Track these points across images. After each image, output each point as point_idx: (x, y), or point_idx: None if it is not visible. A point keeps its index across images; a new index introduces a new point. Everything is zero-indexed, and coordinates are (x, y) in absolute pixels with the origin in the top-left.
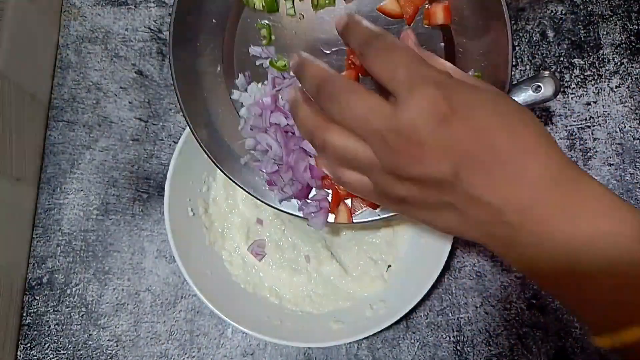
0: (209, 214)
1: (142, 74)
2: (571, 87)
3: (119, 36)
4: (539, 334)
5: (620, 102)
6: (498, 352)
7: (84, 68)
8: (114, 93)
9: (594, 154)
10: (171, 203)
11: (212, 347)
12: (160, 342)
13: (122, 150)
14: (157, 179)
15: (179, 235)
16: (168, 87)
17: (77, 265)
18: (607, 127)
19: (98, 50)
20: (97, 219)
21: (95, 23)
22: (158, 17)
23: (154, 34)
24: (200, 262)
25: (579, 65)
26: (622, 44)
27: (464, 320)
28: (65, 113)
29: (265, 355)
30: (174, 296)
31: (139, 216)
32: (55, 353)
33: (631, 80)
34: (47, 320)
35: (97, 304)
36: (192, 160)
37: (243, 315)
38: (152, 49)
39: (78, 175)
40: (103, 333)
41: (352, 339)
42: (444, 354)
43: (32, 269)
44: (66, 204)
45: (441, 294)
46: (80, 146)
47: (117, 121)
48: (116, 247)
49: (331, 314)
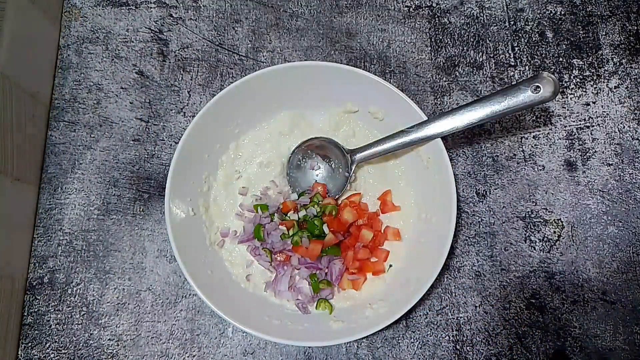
0: (209, 214)
1: (142, 74)
2: (570, 88)
3: (119, 37)
4: (538, 333)
5: (619, 103)
6: (497, 352)
7: (85, 68)
8: (115, 93)
9: (593, 154)
10: (172, 203)
11: (213, 346)
12: (161, 342)
13: (123, 151)
14: (158, 179)
15: (180, 235)
16: (169, 87)
17: (78, 264)
18: (606, 127)
19: (99, 50)
20: (98, 218)
21: (96, 23)
22: (159, 18)
23: (154, 35)
24: (200, 261)
25: (578, 65)
26: (621, 44)
27: (463, 319)
28: (66, 113)
29: (266, 354)
30: (174, 295)
31: (140, 216)
32: (56, 352)
33: (630, 81)
34: (48, 319)
35: (98, 304)
36: (193, 160)
37: (243, 314)
38: (152, 50)
39: (79, 175)
40: (104, 332)
41: (352, 338)
42: (443, 353)
43: (33, 268)
44: (67, 204)
45: (440, 294)
46: (81, 146)
47: (118, 121)
48: (117, 247)
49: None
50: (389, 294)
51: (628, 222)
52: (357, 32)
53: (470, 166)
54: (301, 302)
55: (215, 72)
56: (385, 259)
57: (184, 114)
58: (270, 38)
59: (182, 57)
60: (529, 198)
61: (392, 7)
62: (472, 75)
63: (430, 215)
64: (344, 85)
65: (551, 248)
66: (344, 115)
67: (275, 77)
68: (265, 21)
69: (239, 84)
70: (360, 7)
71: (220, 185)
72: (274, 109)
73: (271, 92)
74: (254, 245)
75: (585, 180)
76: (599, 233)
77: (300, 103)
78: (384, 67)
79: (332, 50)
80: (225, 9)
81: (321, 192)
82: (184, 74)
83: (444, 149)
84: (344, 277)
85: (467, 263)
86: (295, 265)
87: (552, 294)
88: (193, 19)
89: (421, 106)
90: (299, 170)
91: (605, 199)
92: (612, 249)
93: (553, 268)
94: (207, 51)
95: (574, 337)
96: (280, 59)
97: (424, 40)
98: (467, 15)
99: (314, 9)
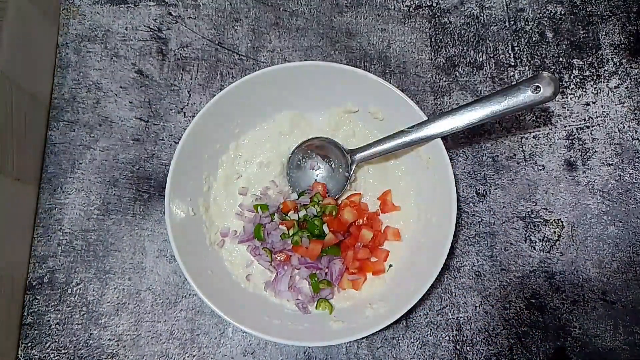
0: (209, 214)
1: (142, 73)
2: (570, 88)
3: (118, 35)
4: (538, 333)
5: (619, 103)
6: (497, 352)
7: (84, 67)
8: (114, 93)
9: (593, 154)
10: (172, 203)
11: (213, 346)
12: (161, 342)
13: (123, 150)
14: (158, 179)
15: (180, 235)
16: (169, 87)
17: (78, 264)
18: (606, 127)
19: (98, 49)
20: (98, 218)
21: (95, 22)
22: (158, 16)
23: (153, 33)
24: (200, 261)
25: (578, 65)
26: (621, 44)
27: (463, 319)
28: (66, 113)
29: (266, 354)
30: (174, 295)
31: (140, 216)
32: (56, 352)
33: (630, 81)
34: (48, 319)
35: (98, 304)
36: (193, 160)
37: (243, 314)
38: (152, 49)
39: (79, 175)
40: (104, 332)
41: (352, 338)
42: (443, 353)
43: (33, 268)
44: (67, 204)
45: (440, 294)
46: (81, 146)
47: (117, 121)
48: (117, 247)
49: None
50: (389, 294)
51: (628, 222)
52: (357, 32)
53: (470, 166)
54: (301, 302)
55: (215, 72)
56: (385, 259)
57: (184, 114)
58: (270, 37)
59: (181, 56)
60: (529, 198)
61: (392, 7)
62: (472, 75)
63: (430, 215)
64: (344, 85)
65: (551, 248)
66: (344, 115)
67: (275, 77)
68: (265, 20)
69: (239, 84)
70: (360, 7)
71: (220, 185)
72: (274, 109)
73: (271, 92)
74: (254, 245)
75: (585, 180)
76: (599, 233)
77: (300, 103)
78: (384, 67)
79: (332, 50)
80: (224, 7)
81: (321, 192)
82: (183, 74)
83: (444, 149)
84: (344, 277)
85: (467, 263)
86: (295, 265)
87: (552, 294)
88: (192, 17)
89: (421, 106)
90: (299, 170)
91: (605, 199)
92: (612, 249)
93: (553, 268)
94: (207, 50)
95: (574, 337)
96: (280, 59)
97: (424, 40)
98: (467, 15)
99: (314, 8)
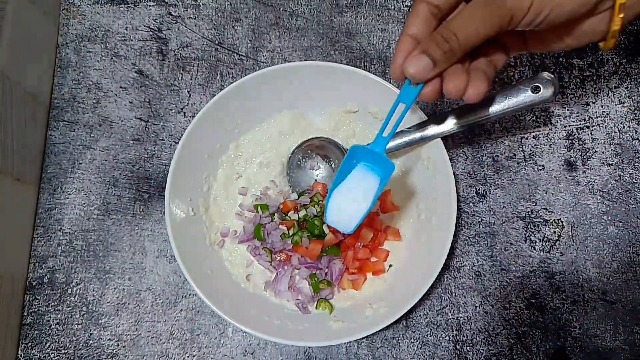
0: (209, 214)
1: (142, 73)
2: (570, 88)
3: (118, 35)
4: (538, 333)
5: (619, 103)
6: (497, 352)
7: (84, 67)
8: (114, 93)
9: (593, 154)
10: (172, 203)
11: (213, 346)
12: (161, 342)
13: (123, 150)
14: (158, 179)
15: (180, 235)
16: (169, 86)
17: (78, 264)
18: (606, 127)
19: (98, 49)
20: (98, 218)
21: (95, 22)
22: (158, 16)
23: (153, 33)
24: (200, 261)
25: (578, 65)
26: (621, 44)
27: (463, 319)
28: (66, 113)
29: (266, 355)
30: (174, 295)
31: (140, 216)
32: (56, 352)
33: (630, 81)
34: (48, 319)
35: (98, 304)
36: (193, 160)
37: (243, 314)
38: (152, 49)
39: (79, 175)
40: (104, 332)
41: (352, 338)
42: (443, 353)
43: (33, 268)
44: (67, 204)
45: (440, 294)
46: (81, 146)
47: (117, 121)
48: (117, 247)
49: (331, 314)
50: (389, 294)
51: (628, 222)
52: (357, 32)
53: (470, 166)
54: (301, 302)
55: (215, 72)
56: (385, 259)
57: (184, 114)
58: (270, 37)
59: (181, 56)
60: (529, 198)
61: (392, 6)
62: None
63: (430, 215)
64: (344, 85)
65: (551, 248)
66: (344, 115)
67: (275, 77)
68: (265, 20)
69: (239, 84)
70: (360, 7)
71: (220, 185)
72: (274, 109)
73: (271, 92)
74: (254, 245)
75: (585, 180)
76: (599, 233)
77: (300, 103)
78: (384, 67)
79: (332, 50)
80: (224, 7)
81: (321, 192)
82: (183, 74)
83: (444, 149)
84: (344, 277)
85: (467, 263)
86: (295, 265)
87: (552, 294)
88: (192, 17)
89: (421, 106)
90: (299, 170)
91: (605, 199)
92: (612, 249)
93: (553, 268)
94: (207, 50)
95: (574, 337)
96: (280, 59)
97: None
98: None
99: (313, 8)
